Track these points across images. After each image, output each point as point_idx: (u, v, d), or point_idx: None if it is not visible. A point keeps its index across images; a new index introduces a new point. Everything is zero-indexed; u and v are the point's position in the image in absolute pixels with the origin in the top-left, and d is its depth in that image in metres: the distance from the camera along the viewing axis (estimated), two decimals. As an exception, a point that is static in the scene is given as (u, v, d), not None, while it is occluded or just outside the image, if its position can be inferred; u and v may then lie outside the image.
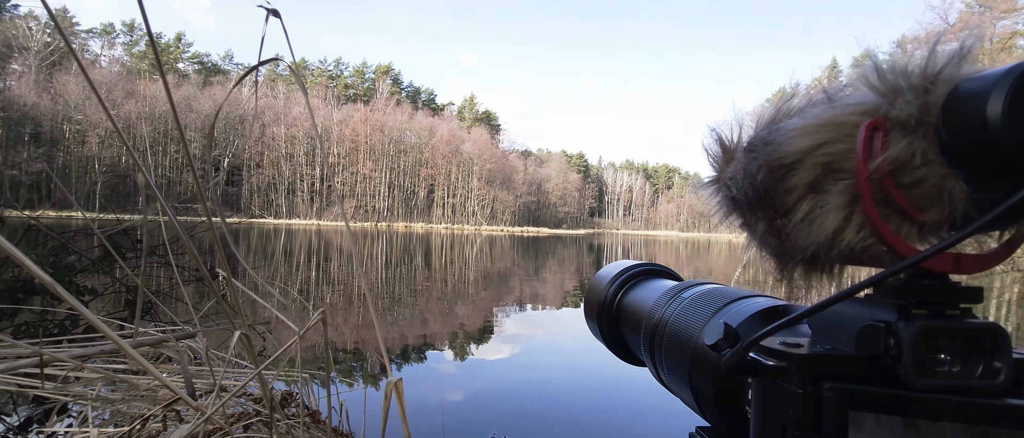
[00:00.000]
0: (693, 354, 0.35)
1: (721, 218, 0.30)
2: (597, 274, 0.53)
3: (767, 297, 0.36)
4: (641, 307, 0.44)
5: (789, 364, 0.24)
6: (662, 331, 0.40)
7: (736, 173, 0.28)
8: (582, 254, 20.68)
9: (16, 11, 49.30)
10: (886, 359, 0.23)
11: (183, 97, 48.00)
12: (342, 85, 69.18)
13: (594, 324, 0.51)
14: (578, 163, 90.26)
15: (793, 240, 0.25)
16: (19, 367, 0.63)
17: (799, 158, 0.24)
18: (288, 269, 10.09)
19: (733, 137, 0.30)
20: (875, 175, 0.22)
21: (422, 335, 4.92)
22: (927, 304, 0.23)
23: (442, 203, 61.48)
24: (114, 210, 40.95)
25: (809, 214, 0.24)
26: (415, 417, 2.77)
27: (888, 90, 0.23)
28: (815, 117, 0.24)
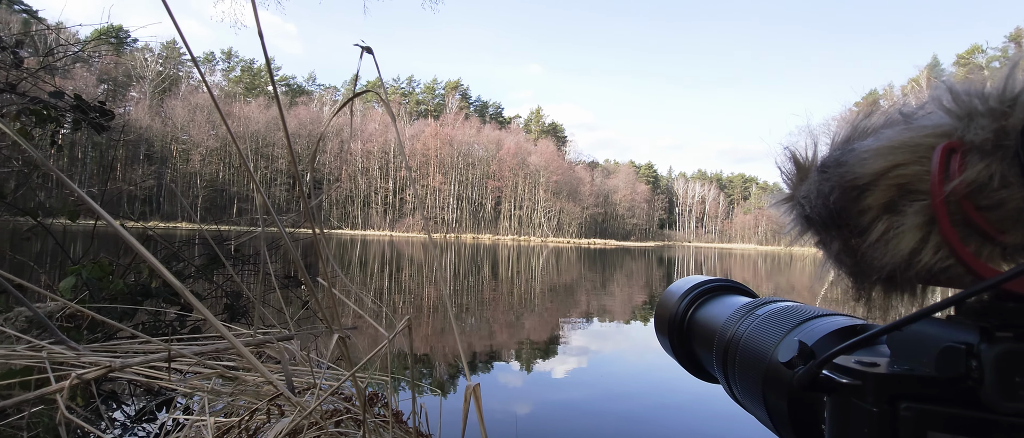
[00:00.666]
0: (767, 371, 0.35)
1: (796, 236, 0.30)
2: (668, 289, 0.53)
3: (845, 316, 0.36)
4: (714, 323, 0.45)
5: (865, 383, 0.24)
6: (735, 348, 0.40)
7: (810, 192, 0.28)
8: (651, 267, 20.12)
9: (135, 45, 55.73)
10: (967, 381, 0.23)
11: (272, 117, 52.03)
12: (414, 101, 72.12)
13: (665, 339, 0.51)
14: (647, 174, 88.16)
15: (869, 260, 0.25)
16: (152, 361, 0.74)
17: (873, 179, 0.24)
18: (367, 277, 10.58)
19: (807, 154, 0.30)
20: (952, 197, 0.22)
21: (491, 345, 4.99)
22: (1011, 327, 0.23)
23: (509, 215, 62.15)
24: (212, 221, 44.97)
25: (884, 235, 0.24)
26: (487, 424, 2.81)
27: (964, 113, 0.23)
28: (889, 139, 0.25)
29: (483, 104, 78.07)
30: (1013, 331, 0.23)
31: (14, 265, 2.99)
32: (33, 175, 3.18)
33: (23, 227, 2.77)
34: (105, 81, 50.91)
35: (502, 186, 61.36)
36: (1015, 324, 0.23)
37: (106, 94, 48.01)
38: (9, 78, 2.77)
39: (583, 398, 3.50)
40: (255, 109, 53.99)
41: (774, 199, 0.32)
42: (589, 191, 67.31)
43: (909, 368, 0.25)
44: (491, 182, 61.06)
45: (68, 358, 0.81)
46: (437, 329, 5.63)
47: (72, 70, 42.50)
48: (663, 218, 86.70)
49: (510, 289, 10.30)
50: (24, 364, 0.92)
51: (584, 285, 12.05)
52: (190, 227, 33.53)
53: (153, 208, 46.70)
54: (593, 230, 67.03)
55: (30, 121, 2.61)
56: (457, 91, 73.16)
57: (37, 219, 2.67)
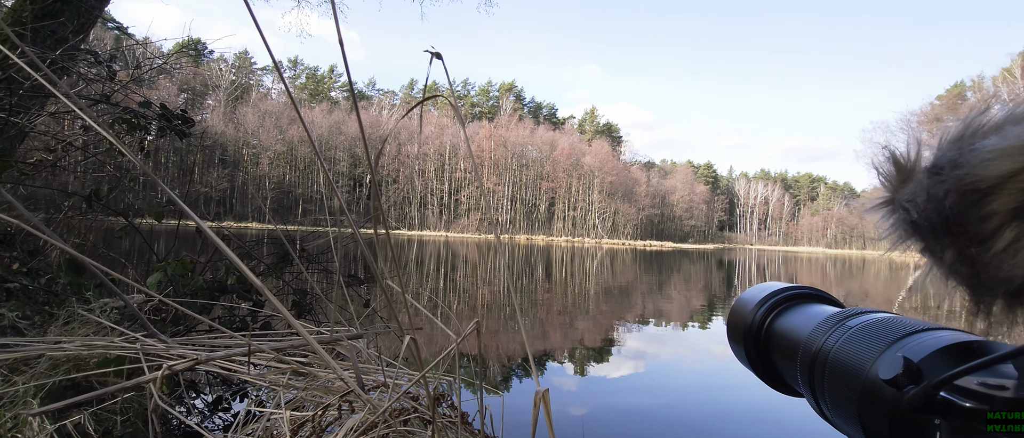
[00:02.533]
0: (863, 388, 0.33)
1: (895, 242, 0.28)
2: (742, 295, 0.50)
3: (953, 330, 0.33)
4: (797, 334, 0.41)
5: (992, 408, 0.21)
6: (824, 361, 0.37)
7: (917, 196, 0.26)
8: (710, 270, 19.42)
9: (211, 56, 59.88)
10: None
11: (335, 121, 54.40)
12: (469, 104, 73.26)
13: (739, 348, 0.48)
14: (706, 174, 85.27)
15: (993, 271, 0.23)
16: (233, 354, 0.78)
17: (999, 182, 0.22)
18: (423, 277, 10.83)
19: (909, 155, 0.28)
20: None
21: (546, 346, 4.97)
22: None
23: (562, 216, 61.88)
24: (280, 221, 47.62)
25: (1014, 243, 0.22)
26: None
27: None
28: (1019, 137, 0.22)
29: (537, 105, 78.19)
30: None
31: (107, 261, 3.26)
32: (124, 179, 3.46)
33: (115, 227, 3.02)
34: (185, 91, 54.94)
35: (556, 187, 61.18)
36: None
37: (186, 103, 51.86)
38: (104, 90, 3.03)
39: (643, 403, 3.41)
40: (318, 114, 56.63)
41: (870, 203, 0.30)
42: (645, 192, 65.91)
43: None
44: (545, 183, 61.02)
45: (158, 350, 0.87)
46: (493, 329, 5.67)
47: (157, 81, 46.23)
48: (723, 219, 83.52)
49: (564, 291, 10.23)
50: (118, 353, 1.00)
51: (640, 288, 11.79)
52: (260, 227, 35.56)
53: (226, 209, 49.96)
54: (649, 232, 65.54)
55: (122, 129, 2.85)
56: (511, 93, 73.65)
57: (128, 219, 2.90)
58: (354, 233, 0.95)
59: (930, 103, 48.21)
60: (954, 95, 48.02)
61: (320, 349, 0.63)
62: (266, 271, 2.93)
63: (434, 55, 0.70)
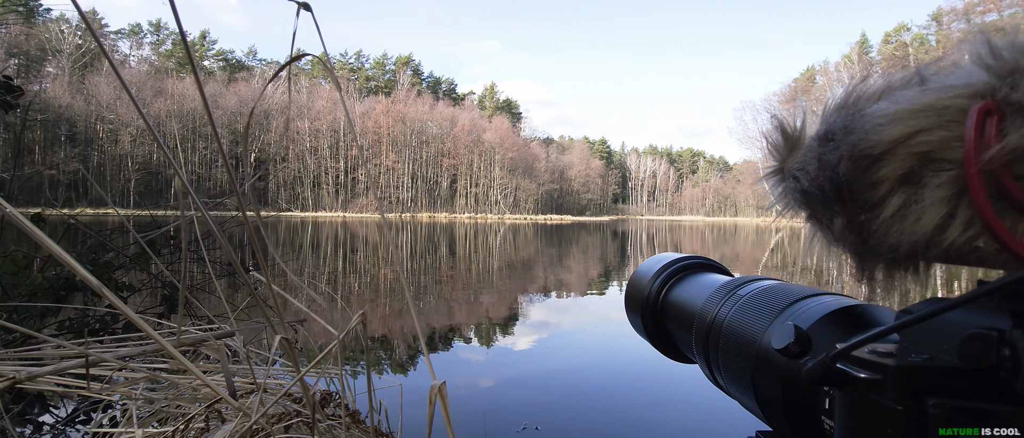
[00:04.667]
0: (757, 357, 0.33)
1: (786, 210, 0.28)
2: (640, 267, 0.50)
3: (834, 295, 0.33)
4: (691, 304, 0.42)
5: (885, 376, 0.22)
6: (718, 331, 0.37)
7: (808, 164, 0.26)
8: (606, 241, 20.53)
9: (48, 15, 50.97)
10: (999, 372, 0.21)
11: (209, 94, 49.18)
12: (363, 78, 69.78)
13: (637, 319, 0.49)
14: (601, 149, 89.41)
15: (879, 237, 0.23)
16: (66, 368, 0.64)
17: (890, 147, 0.22)
18: (319, 262, 10.27)
19: (796, 124, 0.28)
20: (989, 166, 0.20)
21: (450, 323, 4.95)
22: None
23: (465, 193, 61.75)
24: (148, 206, 42.27)
25: (902, 209, 0.22)
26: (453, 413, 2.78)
27: (1006, 71, 0.21)
28: (911, 101, 0.22)
29: (436, 80, 76.50)
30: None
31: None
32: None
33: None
34: (15, 55, 46.46)
35: (457, 164, 60.73)
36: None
37: (17, 70, 43.86)
38: None
39: (543, 373, 3.52)
40: (190, 86, 50.77)
41: (762, 172, 0.30)
42: (544, 168, 67.66)
43: (929, 357, 0.23)
44: (446, 160, 60.29)
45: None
46: (396, 311, 5.53)
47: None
48: (616, 193, 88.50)
49: (468, 267, 10.26)
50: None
51: (541, 261, 12.15)
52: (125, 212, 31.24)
53: (80, 194, 43.49)
54: (549, 206, 67.64)
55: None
56: (408, 67, 71.25)
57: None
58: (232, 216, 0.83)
59: (788, 85, 54.41)
60: (806, 78, 54.54)
61: (174, 352, 0.53)
62: (129, 264, 2.57)
63: (301, 6, 0.61)
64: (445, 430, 0.58)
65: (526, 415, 2.59)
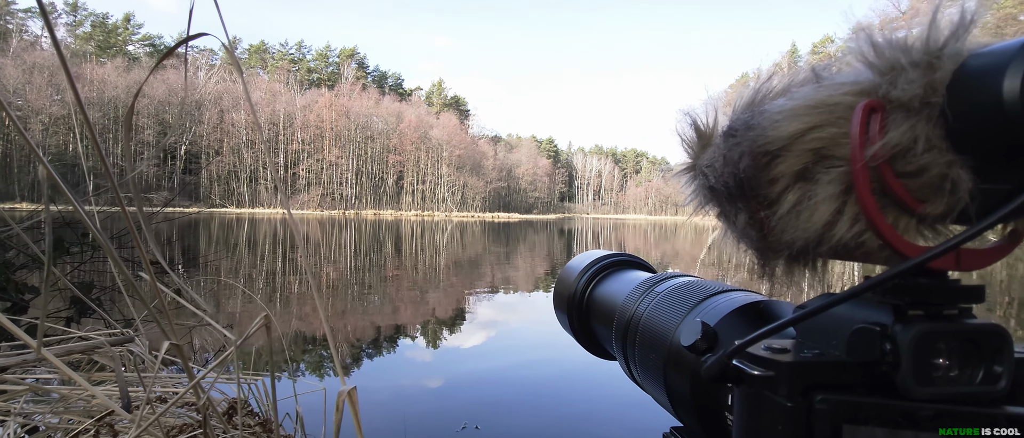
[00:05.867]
0: (668, 353, 0.34)
1: (697, 207, 0.29)
2: (568, 265, 0.51)
3: (743, 291, 0.34)
4: (613, 300, 0.43)
5: (777, 373, 0.22)
6: (635, 327, 0.38)
7: (714, 160, 0.26)
8: (552, 239, 20.78)
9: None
10: (881, 366, 0.21)
11: (133, 81, 45.72)
12: (305, 69, 67.17)
13: (563, 316, 0.49)
14: (548, 148, 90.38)
15: (777, 234, 0.24)
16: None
17: (786, 143, 0.22)
18: (259, 259, 9.78)
19: (708, 121, 0.28)
20: (872, 162, 0.20)
21: (396, 323, 4.83)
22: (925, 305, 0.22)
23: (412, 190, 60.74)
24: (64, 201, 38.75)
25: (796, 206, 0.22)
26: (381, 409, 2.70)
27: (887, 67, 0.21)
28: (804, 98, 0.22)
29: (382, 75, 74.73)
30: (925, 309, 0.22)
31: None
32: None
33: None
34: (-99, 31, 41.56)
35: (404, 160, 59.59)
36: (928, 302, 0.22)
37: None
38: None
39: (484, 372, 3.50)
40: (111, 72, 47.04)
41: (675, 169, 0.30)
42: (492, 165, 67.65)
43: (819, 352, 0.23)
44: (392, 156, 59.03)
45: None
46: (339, 310, 5.34)
47: None
48: (563, 191, 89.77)
49: (414, 265, 10.08)
50: None
51: (488, 258, 12.13)
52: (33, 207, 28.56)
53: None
54: (497, 204, 67.73)
55: None
56: (353, 59, 69.24)
57: None
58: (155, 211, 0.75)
59: (725, 90, 57.08)
60: (741, 83, 57.26)
61: (57, 362, 0.46)
62: (32, 263, 2.33)
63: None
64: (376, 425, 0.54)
65: (467, 414, 2.56)
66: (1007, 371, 0.21)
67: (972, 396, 0.21)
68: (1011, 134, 0.18)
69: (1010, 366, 0.21)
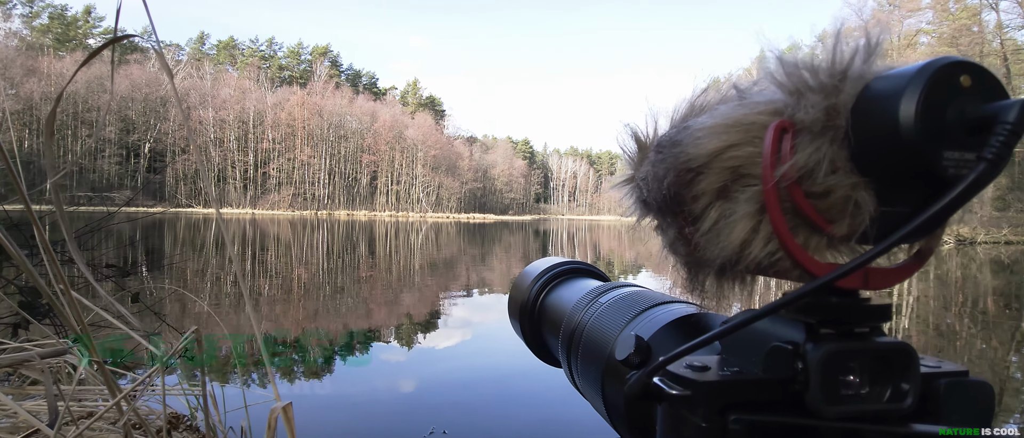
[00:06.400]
0: (606, 366, 0.33)
1: (637, 220, 0.28)
2: (522, 272, 0.51)
3: (684, 303, 0.34)
4: (561, 309, 0.43)
5: (694, 393, 0.22)
6: (579, 338, 0.38)
7: (648, 174, 0.26)
8: (528, 240, 20.82)
9: None
10: (794, 384, 0.21)
11: (94, 76, 44.02)
12: (276, 66, 65.78)
13: (516, 323, 0.50)
14: (524, 149, 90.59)
15: (701, 252, 0.24)
16: None
17: (706, 161, 0.22)
18: (227, 260, 9.50)
19: (648, 132, 0.28)
20: (782, 182, 0.20)
21: (368, 325, 4.75)
22: (836, 323, 0.22)
23: (386, 190, 60.04)
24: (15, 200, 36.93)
25: (717, 223, 0.22)
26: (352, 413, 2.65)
27: (794, 88, 0.21)
28: (723, 116, 0.23)
29: (356, 73, 73.71)
30: (836, 328, 0.22)
31: None
32: None
33: None
34: None
35: (378, 160, 58.86)
36: (838, 320, 0.22)
37: None
38: None
39: (457, 375, 3.46)
40: (70, 65, 45.11)
41: (615, 180, 0.30)
42: (468, 166, 67.40)
43: (739, 370, 0.23)
44: (366, 156, 58.24)
45: None
46: (311, 312, 5.23)
47: None
48: (539, 192, 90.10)
49: (388, 266, 9.96)
50: None
51: (464, 260, 12.07)
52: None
53: (-72, 185, 37.44)
54: (472, 205, 67.52)
55: None
56: (326, 57, 68.13)
57: None
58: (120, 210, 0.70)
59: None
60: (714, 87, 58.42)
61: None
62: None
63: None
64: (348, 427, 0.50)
65: (437, 418, 2.53)
66: (914, 388, 0.22)
67: (880, 414, 0.22)
68: (908, 158, 0.19)
69: (916, 383, 0.22)
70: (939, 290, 8.11)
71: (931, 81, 0.18)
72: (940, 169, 0.18)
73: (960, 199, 0.18)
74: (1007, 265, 11.80)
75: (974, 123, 0.18)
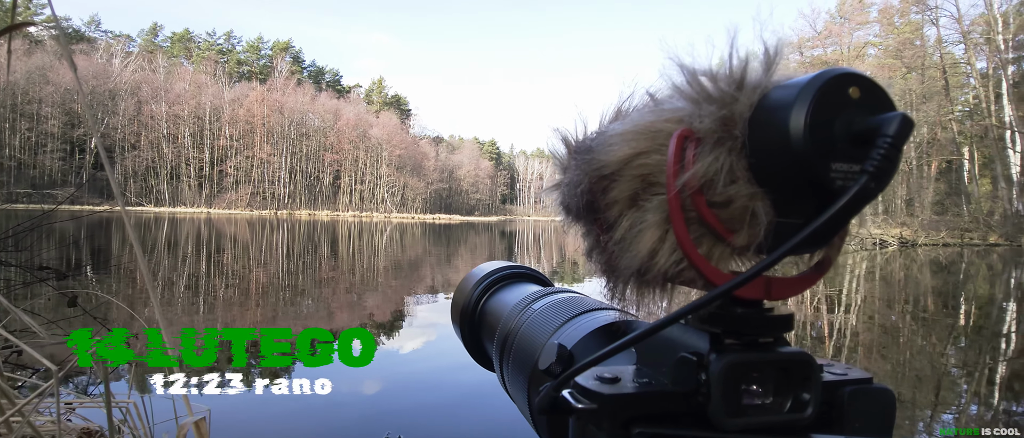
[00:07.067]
0: (532, 375, 0.33)
1: (564, 225, 0.28)
2: (466, 275, 0.51)
3: (612, 310, 0.34)
4: (498, 314, 0.43)
5: (600, 406, 0.21)
6: (511, 344, 0.38)
7: (570, 179, 0.26)
8: (495, 241, 20.82)
9: None
10: (697, 396, 0.21)
11: (36, 66, 41.55)
12: (234, 61, 63.61)
13: (458, 327, 0.49)
14: (490, 150, 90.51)
15: (615, 260, 0.23)
16: None
17: (618, 168, 0.22)
18: (180, 261, 9.12)
19: (579, 137, 0.27)
20: (685, 191, 0.20)
21: (331, 326, 4.65)
22: (739, 334, 0.22)
23: (349, 190, 58.87)
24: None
25: (628, 231, 0.22)
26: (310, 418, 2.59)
27: (693, 97, 0.21)
28: (633, 122, 0.22)
29: (318, 70, 72.01)
30: (739, 338, 0.22)
31: None
32: None
33: None
34: None
35: (341, 159, 57.66)
36: (743, 331, 0.22)
37: None
38: None
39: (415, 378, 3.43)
40: (5, 56, 42.31)
41: (545, 185, 0.29)
42: (434, 166, 66.82)
43: (649, 381, 0.23)
44: (328, 155, 56.96)
45: None
46: (269, 315, 5.07)
47: None
48: (505, 193, 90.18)
49: (351, 267, 9.77)
50: None
51: (429, 260, 11.97)
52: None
53: None
54: (438, 205, 66.98)
55: None
56: (287, 53, 66.33)
57: None
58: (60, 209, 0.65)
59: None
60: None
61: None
62: None
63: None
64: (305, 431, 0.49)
65: (395, 422, 2.50)
66: (814, 398, 0.22)
67: (781, 425, 0.21)
68: (800, 170, 0.18)
69: (817, 392, 0.22)
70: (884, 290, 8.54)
71: (820, 93, 0.18)
72: (828, 181, 0.18)
73: (844, 211, 0.18)
74: (944, 266, 12.54)
75: (860, 135, 0.18)
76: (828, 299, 6.91)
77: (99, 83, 44.64)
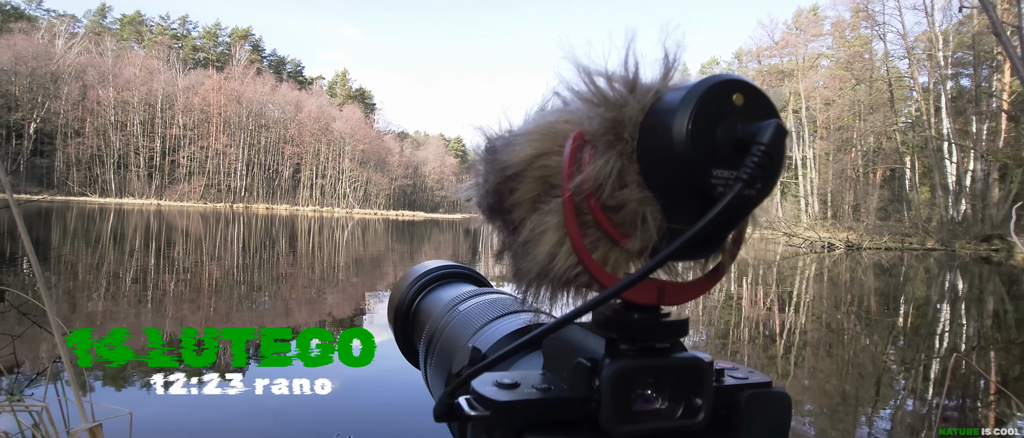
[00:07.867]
0: (449, 377, 0.33)
1: (482, 224, 0.27)
2: (404, 274, 0.50)
3: (530, 312, 0.33)
4: (428, 315, 0.42)
5: (493, 413, 0.21)
6: (435, 346, 0.37)
7: (481, 180, 0.25)
8: (459, 239, 20.74)
9: None
10: (591, 403, 0.21)
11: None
12: (189, 47, 61.01)
13: (392, 324, 0.49)
14: (456, 147, 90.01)
15: (519, 262, 0.23)
16: None
17: (521, 169, 0.21)
18: (127, 255, 8.68)
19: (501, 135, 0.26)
20: (578, 194, 0.20)
21: (288, 323, 4.52)
22: (634, 340, 0.21)
23: (310, 184, 57.38)
24: None
25: (531, 234, 0.21)
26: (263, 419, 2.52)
27: (588, 99, 0.21)
28: (535, 122, 0.22)
29: (279, 60, 69.90)
30: (633, 344, 0.21)
31: None
32: None
33: None
34: None
35: (301, 152, 56.11)
36: (638, 336, 0.21)
37: None
38: None
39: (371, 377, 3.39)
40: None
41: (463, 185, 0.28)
42: (398, 162, 65.92)
43: (548, 387, 0.22)
44: (289, 147, 55.34)
45: None
46: (223, 313, 4.89)
47: None
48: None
49: (311, 264, 9.53)
50: None
51: (391, 257, 11.81)
52: None
53: None
54: (401, 202, 66.16)
55: None
56: (246, 41, 64.06)
57: None
58: None
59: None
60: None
61: None
62: None
63: None
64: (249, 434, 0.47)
65: (348, 422, 2.46)
66: (706, 403, 0.21)
67: (671, 431, 0.21)
68: (684, 175, 0.18)
69: (709, 397, 0.21)
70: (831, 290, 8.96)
71: (703, 99, 0.18)
72: (709, 187, 0.18)
73: (721, 218, 0.18)
74: (886, 269, 13.25)
75: (739, 142, 0.18)
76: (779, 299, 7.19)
77: (40, 64, 41.94)
